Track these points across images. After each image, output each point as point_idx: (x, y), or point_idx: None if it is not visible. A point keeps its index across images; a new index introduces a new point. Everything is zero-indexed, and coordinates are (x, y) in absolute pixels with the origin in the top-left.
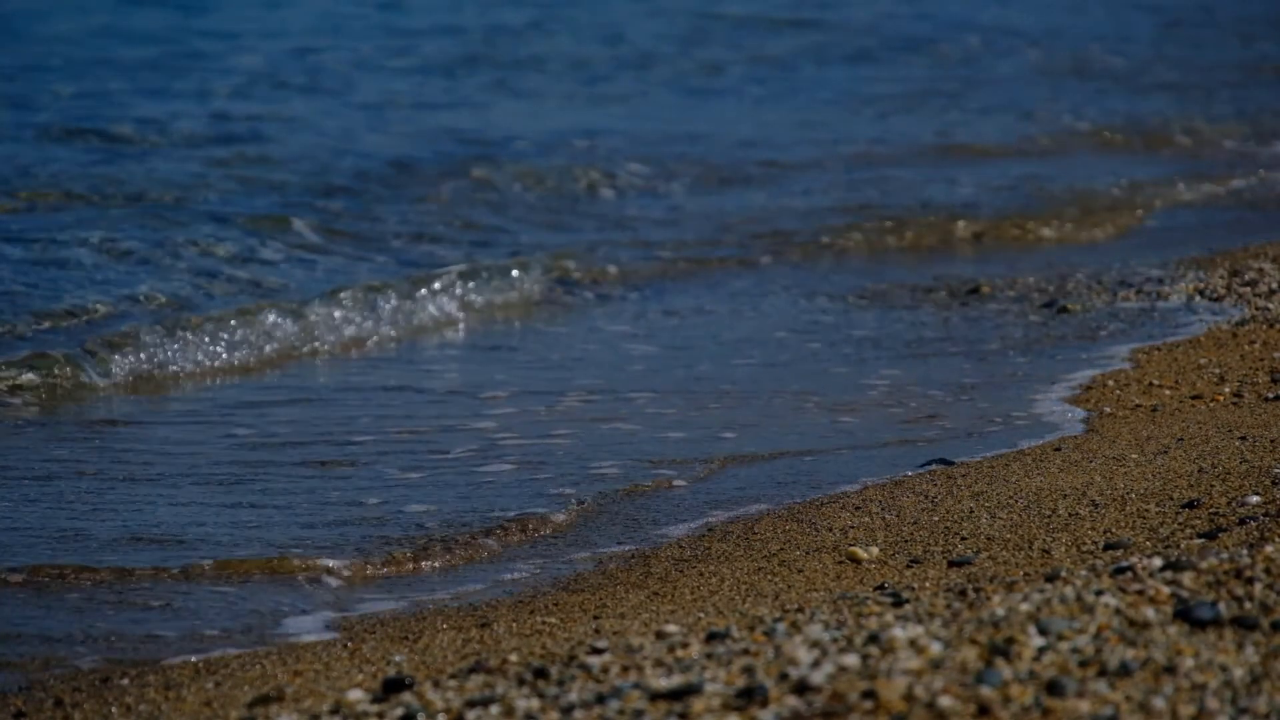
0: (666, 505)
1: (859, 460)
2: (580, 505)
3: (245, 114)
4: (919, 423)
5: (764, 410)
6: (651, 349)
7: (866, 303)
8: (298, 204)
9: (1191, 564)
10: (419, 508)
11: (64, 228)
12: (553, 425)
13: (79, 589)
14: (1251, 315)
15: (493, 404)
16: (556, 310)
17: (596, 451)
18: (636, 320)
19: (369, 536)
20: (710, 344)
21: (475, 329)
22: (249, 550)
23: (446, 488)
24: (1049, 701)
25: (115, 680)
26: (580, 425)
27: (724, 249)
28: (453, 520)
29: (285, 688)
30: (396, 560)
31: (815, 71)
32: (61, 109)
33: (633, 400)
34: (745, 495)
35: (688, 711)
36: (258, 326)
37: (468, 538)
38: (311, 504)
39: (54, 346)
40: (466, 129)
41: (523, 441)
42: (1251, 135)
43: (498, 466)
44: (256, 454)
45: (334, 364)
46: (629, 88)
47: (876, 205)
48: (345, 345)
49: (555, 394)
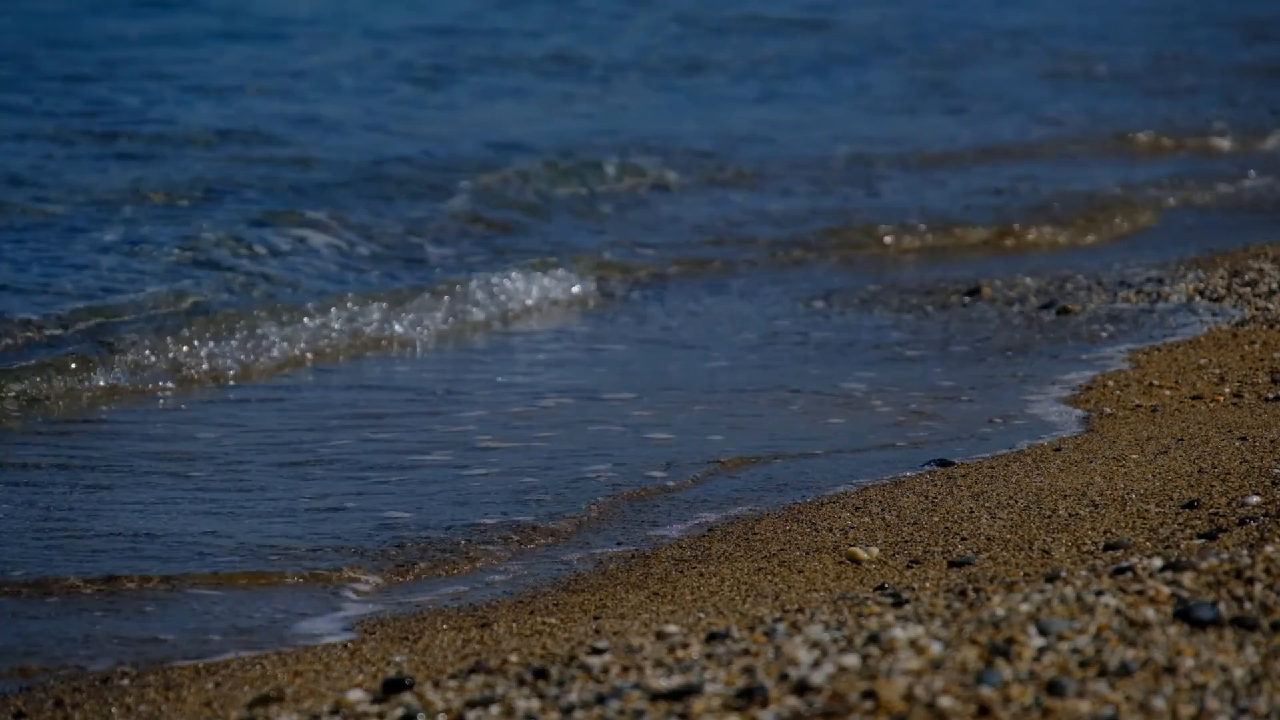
0: (665, 506)
1: (857, 461)
2: (585, 511)
3: (269, 112)
4: (919, 423)
5: (758, 409)
6: (666, 348)
7: (866, 304)
8: (318, 203)
9: (1191, 564)
10: (401, 515)
11: (91, 225)
12: (584, 425)
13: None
14: (1252, 316)
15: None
16: (603, 303)
17: (587, 456)
18: (664, 317)
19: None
20: (715, 344)
21: (493, 332)
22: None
23: (435, 491)
24: (1049, 702)
25: (115, 681)
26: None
27: (729, 249)
28: (441, 526)
29: (285, 688)
30: (401, 569)
31: (824, 72)
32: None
33: (662, 404)
34: (744, 496)
35: (688, 712)
36: (281, 327)
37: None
38: (318, 507)
39: (72, 347)
40: (478, 131)
41: (505, 445)
42: (1251, 135)
43: (483, 471)
44: (266, 456)
45: (350, 366)
46: (630, 87)
47: (877, 209)
48: (360, 346)
49: (592, 393)
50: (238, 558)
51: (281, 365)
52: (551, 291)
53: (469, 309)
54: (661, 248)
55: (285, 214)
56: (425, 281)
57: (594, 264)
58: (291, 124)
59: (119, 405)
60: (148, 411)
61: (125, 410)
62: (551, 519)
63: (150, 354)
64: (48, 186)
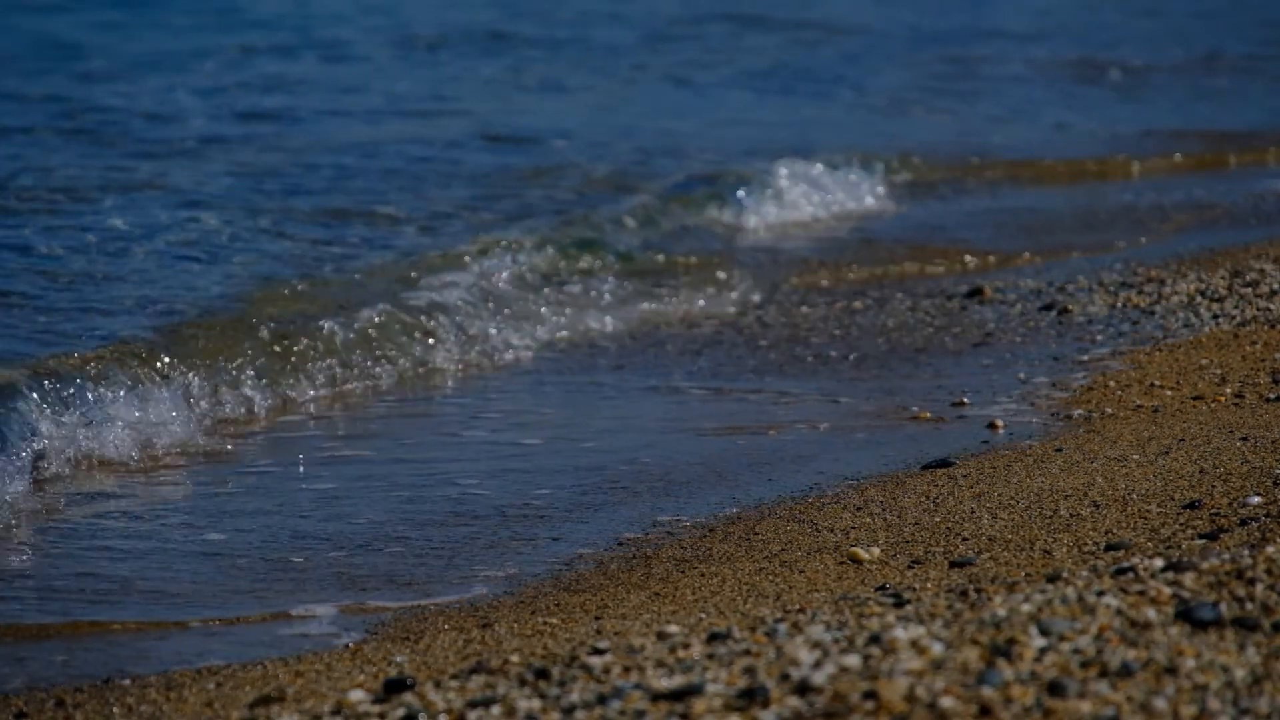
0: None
1: (857, 462)
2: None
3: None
4: (919, 424)
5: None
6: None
7: (862, 306)
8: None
9: (1193, 565)
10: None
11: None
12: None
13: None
14: (1253, 316)
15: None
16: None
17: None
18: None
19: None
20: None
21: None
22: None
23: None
24: (1050, 702)
25: (116, 680)
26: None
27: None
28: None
29: (286, 688)
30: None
31: (835, 73)
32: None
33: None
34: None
35: (689, 712)
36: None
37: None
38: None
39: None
40: (498, 124)
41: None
42: (1251, 135)
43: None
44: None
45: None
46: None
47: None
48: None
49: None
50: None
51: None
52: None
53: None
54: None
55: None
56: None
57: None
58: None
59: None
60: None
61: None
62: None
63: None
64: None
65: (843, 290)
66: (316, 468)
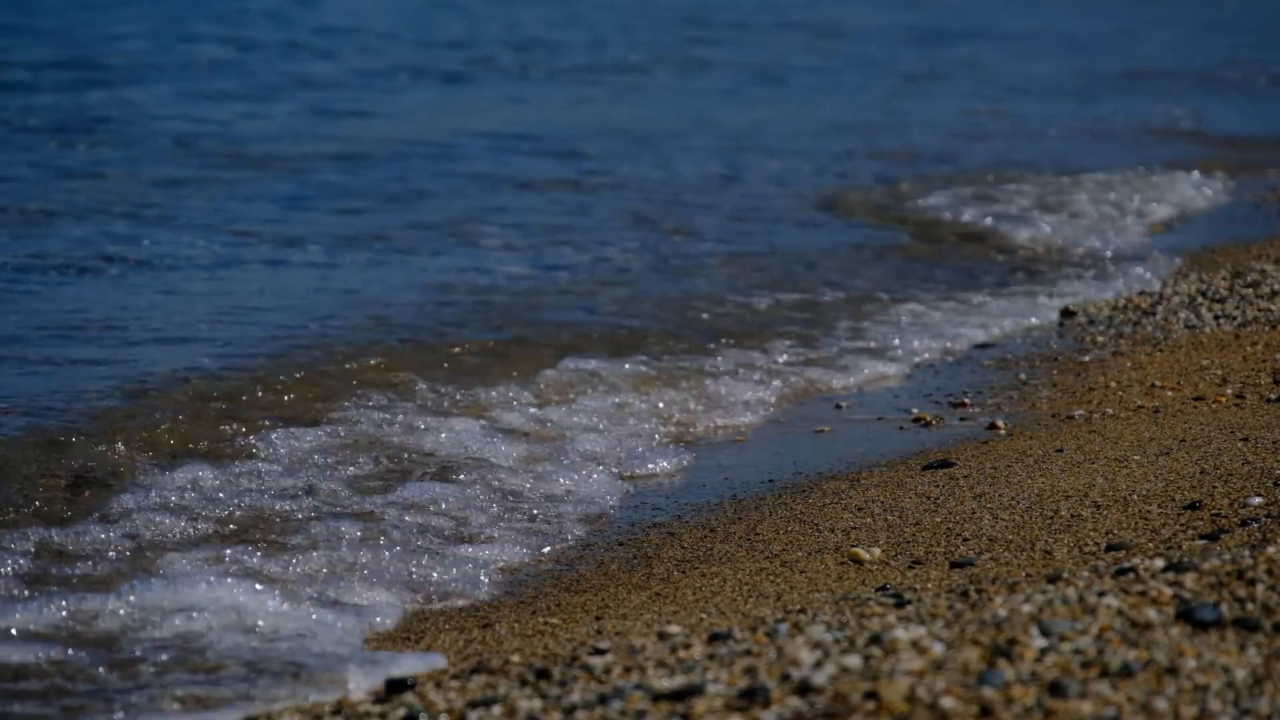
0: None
1: (856, 462)
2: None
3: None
4: (919, 425)
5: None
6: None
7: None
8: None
9: (1194, 565)
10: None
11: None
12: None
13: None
14: (1254, 317)
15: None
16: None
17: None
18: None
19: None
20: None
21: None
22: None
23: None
24: (1051, 703)
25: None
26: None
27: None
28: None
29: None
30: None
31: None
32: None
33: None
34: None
35: (690, 712)
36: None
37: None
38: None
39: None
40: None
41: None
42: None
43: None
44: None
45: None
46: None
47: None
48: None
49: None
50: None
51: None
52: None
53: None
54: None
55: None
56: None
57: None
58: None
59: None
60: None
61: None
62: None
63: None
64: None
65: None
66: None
